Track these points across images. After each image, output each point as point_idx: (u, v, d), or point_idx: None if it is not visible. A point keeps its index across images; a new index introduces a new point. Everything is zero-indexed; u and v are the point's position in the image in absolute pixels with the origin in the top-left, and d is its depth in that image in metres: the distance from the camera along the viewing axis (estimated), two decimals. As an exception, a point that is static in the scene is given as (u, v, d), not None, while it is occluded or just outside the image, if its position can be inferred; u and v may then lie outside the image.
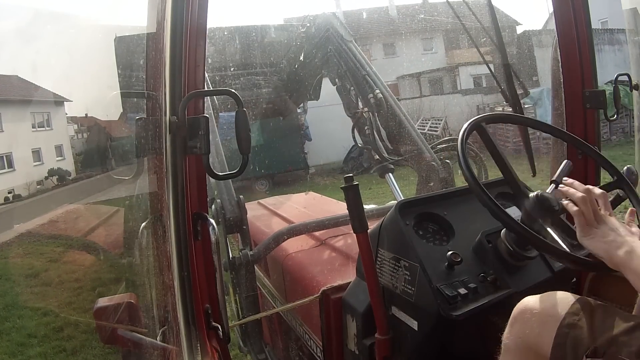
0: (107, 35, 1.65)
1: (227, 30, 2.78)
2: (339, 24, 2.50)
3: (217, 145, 1.84)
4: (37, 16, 5.29)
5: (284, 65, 2.88)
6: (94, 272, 4.16)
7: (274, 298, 1.95)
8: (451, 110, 11.77)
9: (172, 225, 0.97)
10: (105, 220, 2.91)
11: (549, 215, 0.98)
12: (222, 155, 1.85)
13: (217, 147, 1.83)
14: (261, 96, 2.94)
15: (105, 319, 1.24)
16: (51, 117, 8.03)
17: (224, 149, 1.80)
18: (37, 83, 6.61)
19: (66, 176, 22.55)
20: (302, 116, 9.86)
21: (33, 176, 7.24)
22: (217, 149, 1.83)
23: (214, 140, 1.79)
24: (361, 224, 1.12)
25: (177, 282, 0.99)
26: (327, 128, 10.07)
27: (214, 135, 1.85)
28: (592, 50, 1.67)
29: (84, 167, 9.15)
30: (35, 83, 6.46)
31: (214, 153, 1.77)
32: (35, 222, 4.42)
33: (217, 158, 1.81)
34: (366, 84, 2.33)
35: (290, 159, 10.61)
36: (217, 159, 1.81)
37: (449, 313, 1.01)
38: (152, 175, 1.11)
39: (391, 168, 2.49)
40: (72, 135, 9.06)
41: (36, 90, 6.86)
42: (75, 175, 21.26)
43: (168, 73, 0.96)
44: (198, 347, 1.01)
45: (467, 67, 13.70)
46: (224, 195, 1.71)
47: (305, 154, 11.43)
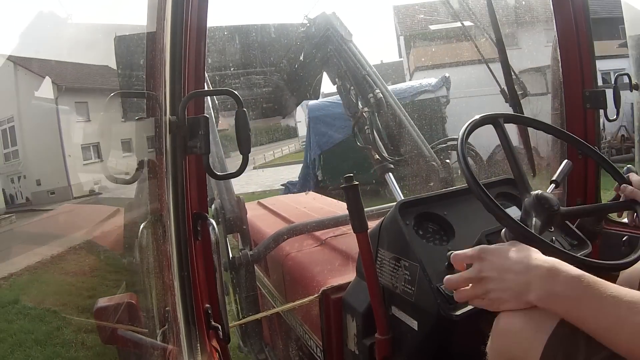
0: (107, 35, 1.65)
1: (227, 30, 2.77)
2: (339, 24, 2.50)
3: (217, 145, 1.85)
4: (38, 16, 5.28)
5: (284, 65, 2.88)
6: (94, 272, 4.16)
7: (274, 298, 1.96)
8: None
9: (172, 225, 0.97)
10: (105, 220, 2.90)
11: (549, 215, 0.98)
12: (222, 155, 1.85)
13: (217, 147, 1.83)
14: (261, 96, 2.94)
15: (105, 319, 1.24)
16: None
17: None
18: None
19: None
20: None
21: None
22: (217, 149, 1.83)
23: (214, 140, 1.79)
24: (361, 223, 1.12)
25: (177, 282, 0.99)
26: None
27: (214, 135, 1.86)
28: (592, 50, 1.67)
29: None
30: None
31: (214, 153, 1.77)
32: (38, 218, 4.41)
33: (217, 158, 1.81)
34: (366, 84, 2.33)
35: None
36: (217, 159, 1.81)
37: (449, 313, 1.01)
38: (152, 175, 1.11)
39: (391, 168, 2.50)
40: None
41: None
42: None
43: (168, 73, 0.95)
44: (198, 347, 1.01)
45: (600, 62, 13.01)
46: (224, 195, 1.71)
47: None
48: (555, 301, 0.70)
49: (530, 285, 0.73)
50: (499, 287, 0.76)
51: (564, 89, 1.72)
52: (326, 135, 8.32)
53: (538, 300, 0.72)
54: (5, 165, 3.68)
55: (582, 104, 1.68)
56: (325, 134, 8.36)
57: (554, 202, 0.98)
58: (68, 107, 3.51)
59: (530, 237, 0.87)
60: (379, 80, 2.34)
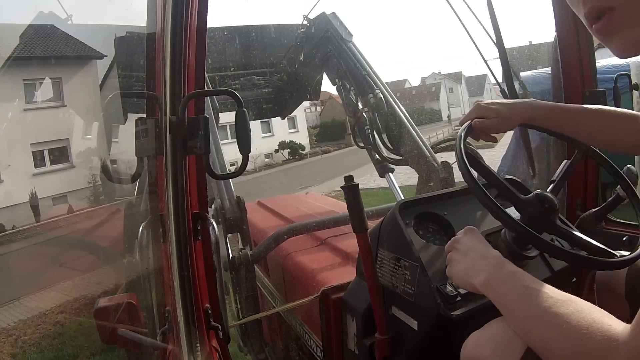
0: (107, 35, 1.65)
1: (227, 30, 2.77)
2: (339, 24, 2.50)
3: (217, 145, 1.84)
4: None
5: (284, 65, 2.88)
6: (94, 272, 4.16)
7: (274, 298, 1.95)
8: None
9: (172, 225, 0.98)
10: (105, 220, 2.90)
11: (549, 215, 0.98)
12: (222, 155, 1.85)
13: (217, 147, 1.83)
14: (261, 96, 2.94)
15: (105, 319, 1.24)
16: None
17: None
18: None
19: (299, 150, 21.53)
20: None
21: (261, 148, 6.11)
22: (217, 148, 1.83)
23: (214, 140, 1.79)
24: (361, 223, 1.12)
25: (177, 282, 0.99)
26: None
27: (214, 135, 1.85)
28: (592, 50, 1.67)
29: (318, 141, 8.14)
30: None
31: (214, 153, 1.77)
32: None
33: (217, 158, 1.81)
34: (366, 84, 2.33)
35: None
36: (217, 159, 1.81)
37: (449, 313, 1.01)
38: (152, 175, 1.11)
39: (391, 168, 2.50)
40: (307, 107, 8.28)
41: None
42: (309, 150, 20.26)
43: (168, 73, 0.96)
44: (198, 347, 1.01)
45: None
46: (224, 195, 1.71)
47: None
48: (494, 289, 0.80)
49: (480, 271, 0.84)
50: (457, 267, 0.91)
51: (564, 89, 1.72)
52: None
53: (480, 285, 0.82)
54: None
55: (582, 104, 1.68)
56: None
57: (554, 201, 0.98)
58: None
59: (530, 236, 0.87)
60: (378, 81, 2.34)
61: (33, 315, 4.30)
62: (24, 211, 4.44)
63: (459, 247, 0.92)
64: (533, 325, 0.72)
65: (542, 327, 0.70)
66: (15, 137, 4.69)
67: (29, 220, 4.36)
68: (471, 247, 0.90)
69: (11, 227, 4.29)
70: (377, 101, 2.28)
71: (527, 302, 0.74)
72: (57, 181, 5.93)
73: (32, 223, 4.28)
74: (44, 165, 6.16)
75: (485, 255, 0.86)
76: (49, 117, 5.20)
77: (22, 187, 5.04)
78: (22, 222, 4.52)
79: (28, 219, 4.40)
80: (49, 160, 6.20)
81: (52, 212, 4.92)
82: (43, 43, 3.28)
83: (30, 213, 4.53)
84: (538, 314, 0.71)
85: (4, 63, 1.92)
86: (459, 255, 0.91)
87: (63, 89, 4.33)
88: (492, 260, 0.85)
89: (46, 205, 4.88)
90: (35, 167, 5.98)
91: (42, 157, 6.17)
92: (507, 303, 0.78)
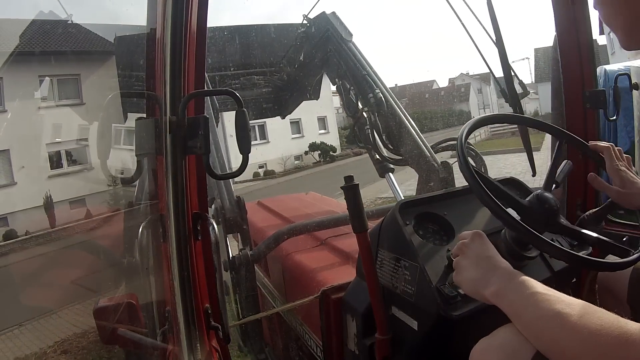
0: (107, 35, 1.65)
1: (227, 30, 2.77)
2: (339, 24, 2.50)
3: (217, 145, 1.84)
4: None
5: (284, 65, 2.88)
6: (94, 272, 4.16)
7: (274, 298, 1.95)
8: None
9: (172, 225, 0.97)
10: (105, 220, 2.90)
11: (549, 215, 0.98)
12: (222, 155, 1.85)
13: (217, 147, 1.83)
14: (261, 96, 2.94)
15: (105, 319, 1.24)
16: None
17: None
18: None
19: (330, 151, 21.02)
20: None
21: (291, 149, 5.85)
22: (217, 148, 1.83)
23: (214, 140, 1.79)
24: (361, 223, 1.12)
25: (177, 282, 0.99)
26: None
27: (214, 135, 1.85)
28: (592, 50, 1.67)
29: (349, 142, 7.76)
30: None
31: (214, 153, 1.77)
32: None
33: (217, 158, 1.81)
34: (366, 84, 2.33)
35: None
36: (217, 158, 1.81)
37: (449, 313, 1.01)
38: (152, 175, 1.11)
39: (391, 168, 2.49)
40: (337, 107, 8.22)
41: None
42: (340, 152, 19.65)
43: (168, 73, 0.95)
44: (198, 347, 1.01)
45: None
46: (224, 195, 1.71)
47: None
48: (504, 298, 0.80)
49: (490, 282, 0.83)
50: (466, 276, 0.89)
51: (564, 89, 1.71)
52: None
53: (491, 295, 0.82)
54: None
55: (582, 104, 1.68)
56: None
57: (554, 201, 0.98)
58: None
59: (531, 236, 0.87)
60: (378, 80, 2.34)
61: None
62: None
63: (469, 253, 0.90)
64: (544, 326, 0.71)
65: (553, 328, 0.69)
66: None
67: (29, 221, 4.36)
68: (481, 255, 0.88)
69: (8, 225, 4.30)
70: (377, 101, 2.28)
71: (538, 305, 0.73)
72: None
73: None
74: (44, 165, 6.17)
75: (495, 266, 0.85)
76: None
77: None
78: (22, 222, 4.52)
79: (28, 220, 4.40)
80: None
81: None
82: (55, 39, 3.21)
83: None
84: (549, 315, 0.70)
85: (7, 58, 1.92)
86: (468, 262, 0.89)
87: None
88: (503, 272, 0.84)
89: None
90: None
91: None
92: (517, 308, 0.77)
